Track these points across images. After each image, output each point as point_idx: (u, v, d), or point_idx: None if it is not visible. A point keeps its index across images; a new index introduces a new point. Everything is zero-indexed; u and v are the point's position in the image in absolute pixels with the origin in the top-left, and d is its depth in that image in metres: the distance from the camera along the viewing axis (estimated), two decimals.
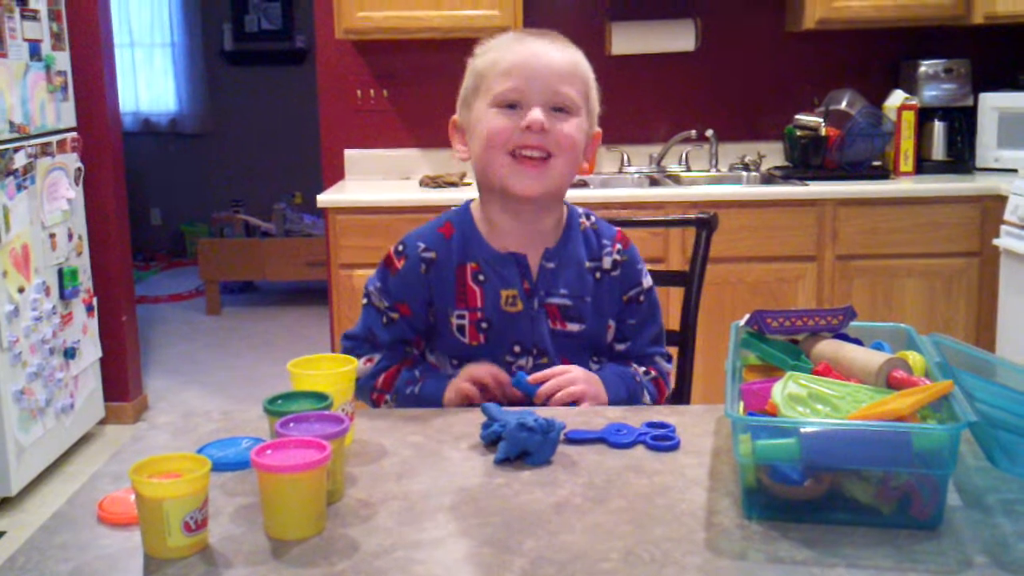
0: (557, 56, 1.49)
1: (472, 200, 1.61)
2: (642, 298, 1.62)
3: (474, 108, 1.52)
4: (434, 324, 1.57)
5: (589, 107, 1.53)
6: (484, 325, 1.53)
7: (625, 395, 1.55)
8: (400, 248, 1.57)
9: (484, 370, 1.50)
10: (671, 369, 1.67)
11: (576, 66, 1.51)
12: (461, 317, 1.54)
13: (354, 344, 1.60)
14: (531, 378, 1.47)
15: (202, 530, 1.01)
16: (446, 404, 1.51)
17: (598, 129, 1.57)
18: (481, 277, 1.53)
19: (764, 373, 1.31)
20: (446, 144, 4.00)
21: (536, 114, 1.45)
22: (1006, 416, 1.21)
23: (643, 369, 1.61)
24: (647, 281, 1.63)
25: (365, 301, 1.59)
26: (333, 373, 1.27)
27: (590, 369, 1.58)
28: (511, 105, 1.47)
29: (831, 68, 3.88)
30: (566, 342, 1.56)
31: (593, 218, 1.63)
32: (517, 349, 1.54)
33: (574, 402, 1.47)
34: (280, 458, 1.04)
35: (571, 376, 1.48)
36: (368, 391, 1.58)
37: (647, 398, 1.60)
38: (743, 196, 3.38)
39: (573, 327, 1.56)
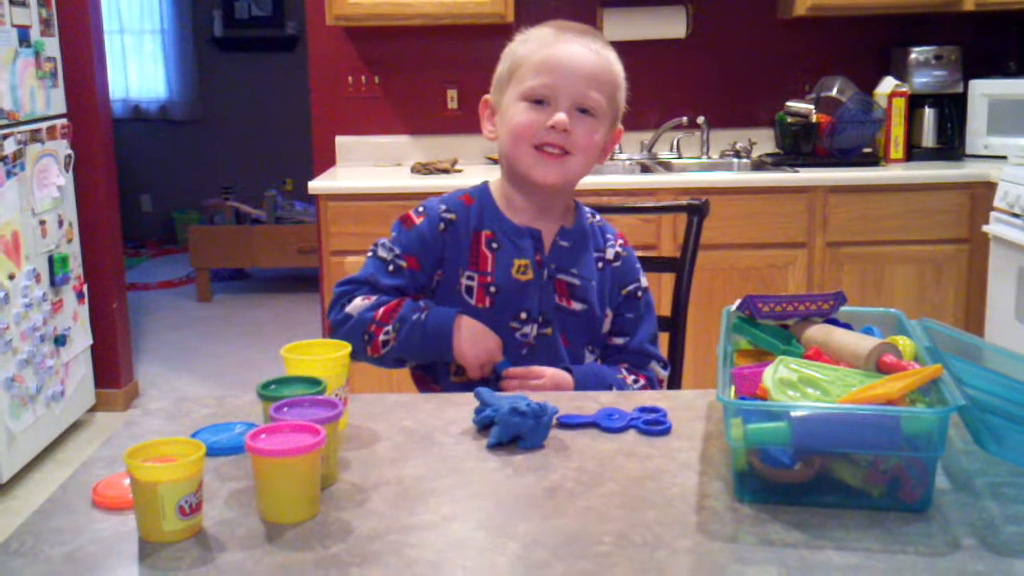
0: (590, 59, 1.54)
1: (488, 181, 1.67)
2: (640, 294, 1.69)
3: (506, 94, 1.58)
4: (438, 288, 1.60)
5: (615, 109, 1.60)
6: (492, 289, 1.58)
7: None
8: (420, 208, 1.63)
9: (494, 346, 1.55)
10: (665, 377, 1.71)
11: (607, 71, 1.57)
12: (471, 279, 1.58)
13: (352, 287, 1.60)
14: (509, 371, 1.54)
15: (196, 514, 1.02)
16: (457, 351, 1.53)
17: (620, 127, 1.65)
18: (495, 245, 1.59)
19: (755, 358, 1.31)
20: (437, 131, 4.05)
21: (560, 116, 1.52)
22: (994, 400, 1.22)
23: (632, 377, 1.63)
24: (644, 281, 1.71)
25: (371, 254, 1.62)
26: (327, 358, 1.27)
27: (585, 357, 1.64)
28: (539, 100, 1.53)
29: (822, 55, 3.89)
30: (567, 319, 1.62)
31: (598, 217, 1.73)
32: (523, 316, 1.59)
33: None
34: (274, 442, 1.05)
35: (538, 371, 1.54)
36: (364, 326, 1.55)
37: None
38: (734, 183, 3.39)
39: (576, 306, 1.62)
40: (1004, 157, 3.45)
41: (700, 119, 3.83)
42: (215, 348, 4.93)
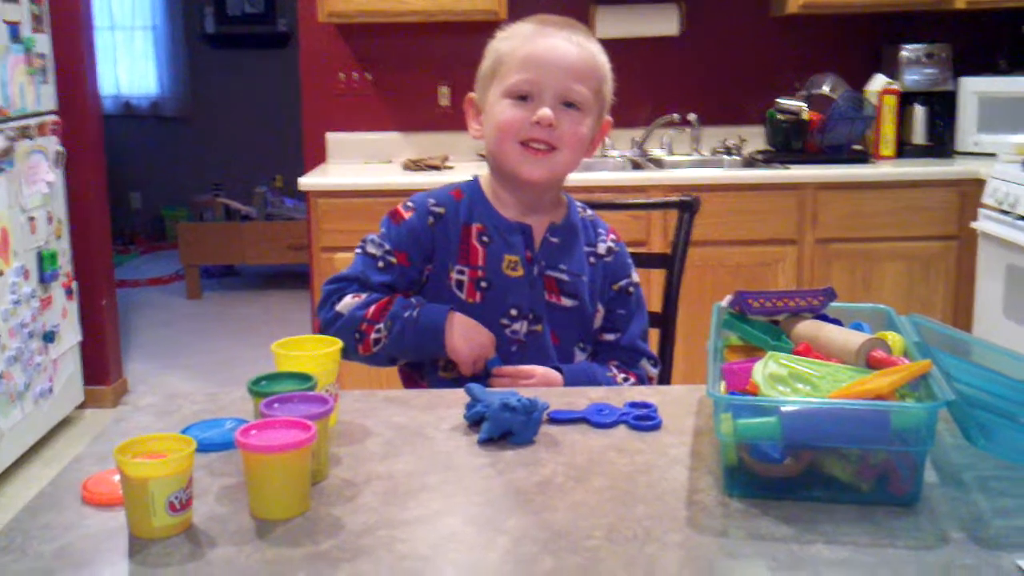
0: (573, 52, 1.53)
1: (479, 175, 1.66)
2: (631, 290, 1.69)
3: (490, 92, 1.57)
4: (428, 282, 1.59)
5: (601, 101, 1.59)
6: (483, 284, 1.57)
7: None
8: (409, 204, 1.62)
9: (488, 342, 1.54)
10: (656, 375, 1.70)
11: (591, 63, 1.55)
12: (461, 273, 1.58)
13: (342, 285, 1.58)
14: (500, 370, 1.54)
15: (187, 510, 1.02)
16: (450, 346, 1.52)
17: (608, 118, 1.63)
18: (485, 238, 1.58)
19: (745, 353, 1.32)
20: (428, 128, 4.05)
21: (545, 111, 1.51)
22: (982, 395, 1.23)
23: (622, 375, 1.63)
24: (636, 277, 1.71)
25: (359, 250, 1.61)
26: (317, 354, 1.27)
27: (576, 354, 1.64)
28: (523, 96, 1.52)
29: (813, 52, 3.89)
30: (558, 315, 1.61)
31: (590, 212, 1.72)
32: (514, 312, 1.58)
33: None
34: (265, 438, 1.04)
35: (528, 371, 1.54)
36: (355, 324, 1.53)
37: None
38: (725, 180, 3.39)
39: (567, 302, 1.61)
40: (994, 154, 3.46)
41: (691, 116, 3.83)
42: (205, 345, 4.92)
